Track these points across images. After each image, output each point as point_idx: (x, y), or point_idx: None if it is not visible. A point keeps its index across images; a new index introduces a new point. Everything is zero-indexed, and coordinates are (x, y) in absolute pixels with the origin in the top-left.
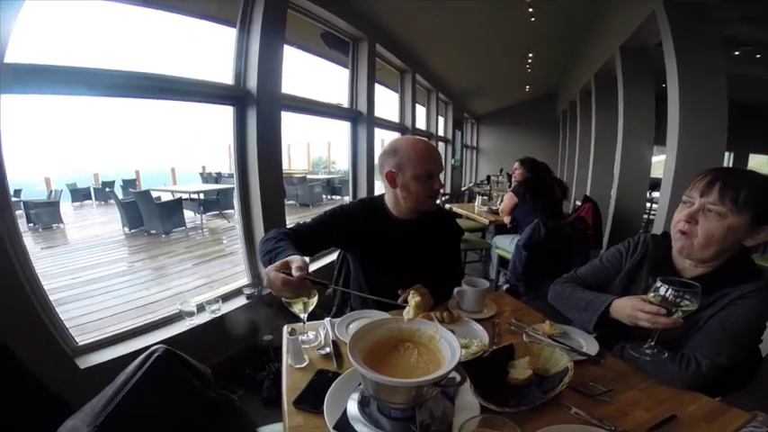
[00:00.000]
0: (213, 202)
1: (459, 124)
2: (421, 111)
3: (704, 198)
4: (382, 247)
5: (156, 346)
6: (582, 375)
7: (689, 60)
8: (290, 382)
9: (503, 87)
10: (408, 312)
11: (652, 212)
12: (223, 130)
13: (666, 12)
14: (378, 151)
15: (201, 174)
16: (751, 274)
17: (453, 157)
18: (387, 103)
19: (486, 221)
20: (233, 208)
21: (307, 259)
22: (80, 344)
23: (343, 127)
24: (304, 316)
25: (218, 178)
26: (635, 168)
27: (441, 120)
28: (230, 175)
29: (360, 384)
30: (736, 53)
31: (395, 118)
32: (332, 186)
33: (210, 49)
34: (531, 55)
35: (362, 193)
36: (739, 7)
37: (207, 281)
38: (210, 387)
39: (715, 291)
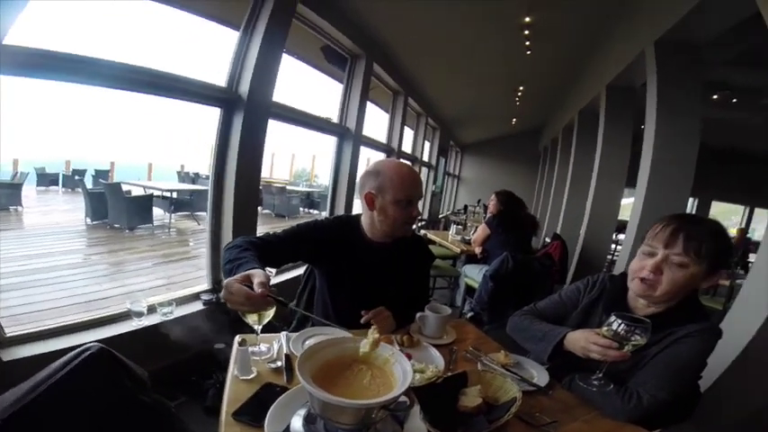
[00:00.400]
0: (185, 203)
1: (445, 151)
2: (409, 134)
3: (668, 249)
4: (352, 267)
5: (89, 344)
6: (530, 406)
7: (669, 102)
8: (233, 393)
9: (491, 118)
10: (365, 347)
11: (616, 253)
12: (207, 130)
13: (656, 51)
14: (361, 170)
15: (179, 172)
16: (699, 314)
17: (434, 183)
18: (376, 122)
19: (458, 250)
20: (206, 210)
21: (269, 274)
22: (8, 335)
23: (330, 141)
24: (258, 328)
25: (195, 179)
26: (605, 209)
27: (427, 145)
28: (208, 177)
29: (308, 401)
30: (715, 97)
31: (383, 138)
32: (311, 200)
33: (207, 49)
34: (521, 88)
35: (340, 210)
36: (725, 51)
37: (166, 282)
38: (144, 390)
39: (664, 329)
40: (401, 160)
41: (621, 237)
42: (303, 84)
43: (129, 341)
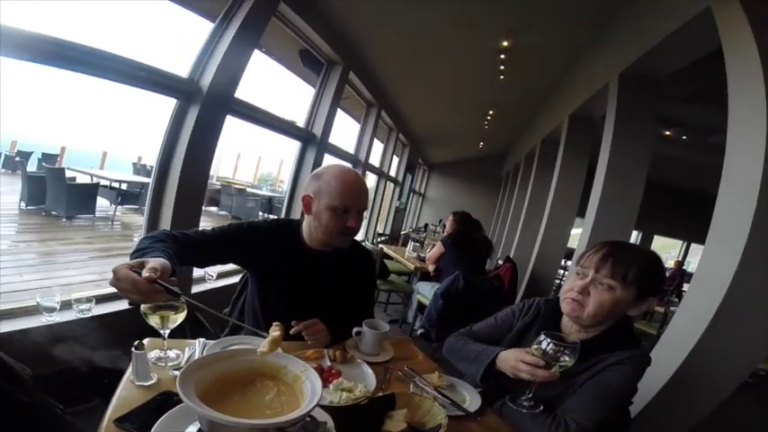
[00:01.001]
0: (135, 195)
1: (412, 168)
2: (378, 147)
3: (598, 273)
4: (286, 274)
5: None
6: (457, 431)
7: (624, 134)
8: (122, 399)
9: (460, 139)
10: (264, 346)
11: (564, 279)
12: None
13: (619, 83)
14: None
15: (135, 164)
16: (629, 341)
17: (399, 199)
18: (345, 131)
19: (412, 267)
20: None
21: (168, 265)
22: None
23: (295, 146)
24: (164, 332)
25: (150, 172)
26: (556, 236)
27: (395, 160)
28: None
29: None
30: (667, 133)
31: (351, 149)
32: (271, 205)
33: (177, 39)
34: (491, 112)
35: (295, 217)
36: (682, 87)
37: (98, 278)
38: (24, 390)
39: (594, 355)
40: (350, 167)
41: (569, 263)
42: (274, 84)
43: (33, 338)
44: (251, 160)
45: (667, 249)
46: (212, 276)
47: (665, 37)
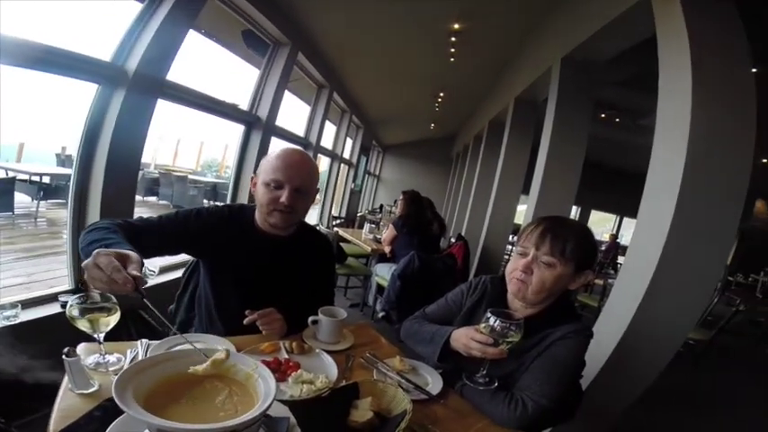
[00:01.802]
0: (60, 189)
1: (367, 150)
2: (331, 129)
3: (537, 250)
4: (239, 261)
5: None
6: (423, 416)
7: (564, 116)
8: (63, 410)
9: (412, 121)
10: (203, 366)
11: (510, 254)
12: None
13: (561, 67)
14: None
15: (59, 155)
16: (571, 315)
17: (354, 181)
18: (295, 114)
19: (369, 249)
20: None
21: (141, 259)
22: None
23: (239, 130)
24: (98, 336)
25: None
26: (503, 212)
27: (349, 142)
28: None
29: None
30: (603, 115)
31: (300, 131)
32: (216, 192)
33: (100, 22)
34: (442, 94)
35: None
36: (618, 72)
37: (26, 280)
38: None
39: (540, 330)
40: (296, 147)
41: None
42: (217, 67)
43: None
44: (192, 146)
45: (603, 223)
46: (154, 271)
47: (607, 23)
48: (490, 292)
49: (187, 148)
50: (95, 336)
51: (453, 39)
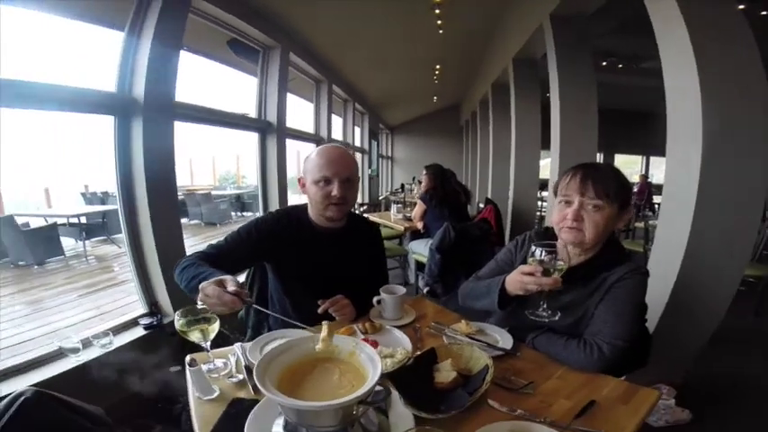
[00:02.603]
0: (98, 227)
1: (375, 134)
2: (337, 121)
3: (583, 197)
4: (302, 257)
5: (22, 389)
6: (503, 370)
7: (568, 70)
8: (201, 417)
9: (413, 98)
10: (319, 343)
11: (543, 210)
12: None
13: (552, 24)
14: (290, 162)
15: (84, 194)
16: (623, 257)
17: (370, 167)
18: (302, 113)
19: (402, 228)
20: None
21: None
22: None
23: (253, 139)
24: (207, 344)
25: (104, 199)
26: (527, 171)
27: (357, 130)
28: None
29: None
30: (604, 63)
31: (310, 129)
32: (242, 202)
33: (89, 54)
34: (438, 66)
35: (274, 208)
36: (607, 20)
37: (97, 313)
38: (105, 426)
39: (597, 275)
40: (333, 144)
41: (545, 194)
42: (214, 81)
43: (74, 380)
44: (205, 163)
45: (629, 166)
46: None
47: None
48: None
49: (200, 165)
50: (204, 345)
51: (437, 11)
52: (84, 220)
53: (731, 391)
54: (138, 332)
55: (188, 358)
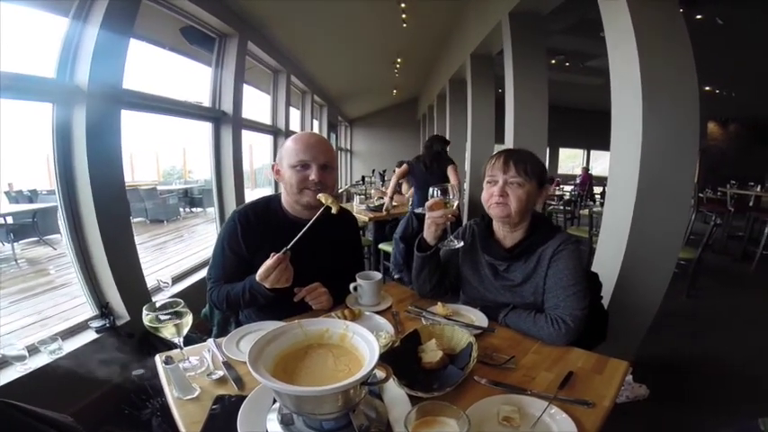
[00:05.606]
0: (28, 227)
1: (334, 127)
2: (295, 113)
3: (506, 175)
4: (276, 247)
5: None
6: (483, 348)
7: (522, 67)
8: (185, 418)
9: (373, 90)
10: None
11: None
12: (37, 135)
13: (510, 21)
14: (246, 155)
15: (8, 193)
16: (552, 230)
17: None
18: (258, 104)
19: (367, 219)
20: (58, 232)
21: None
22: None
23: (202, 131)
24: (179, 340)
25: (32, 197)
26: (481, 162)
27: (315, 123)
28: (50, 192)
29: (274, 402)
30: (553, 61)
31: (267, 120)
32: (190, 197)
33: (26, 40)
34: (399, 60)
35: (230, 203)
36: (560, 19)
37: (38, 318)
38: None
39: (534, 251)
40: (309, 130)
41: None
42: (164, 70)
43: (24, 390)
44: (147, 158)
45: (572, 159)
46: (168, 283)
47: None
48: (477, 231)
49: (142, 160)
50: (176, 341)
51: (403, 5)
52: (10, 220)
53: (677, 368)
54: (90, 335)
55: (163, 356)
